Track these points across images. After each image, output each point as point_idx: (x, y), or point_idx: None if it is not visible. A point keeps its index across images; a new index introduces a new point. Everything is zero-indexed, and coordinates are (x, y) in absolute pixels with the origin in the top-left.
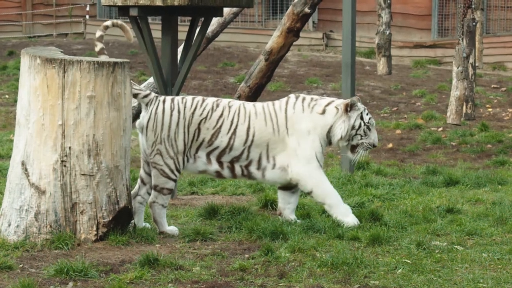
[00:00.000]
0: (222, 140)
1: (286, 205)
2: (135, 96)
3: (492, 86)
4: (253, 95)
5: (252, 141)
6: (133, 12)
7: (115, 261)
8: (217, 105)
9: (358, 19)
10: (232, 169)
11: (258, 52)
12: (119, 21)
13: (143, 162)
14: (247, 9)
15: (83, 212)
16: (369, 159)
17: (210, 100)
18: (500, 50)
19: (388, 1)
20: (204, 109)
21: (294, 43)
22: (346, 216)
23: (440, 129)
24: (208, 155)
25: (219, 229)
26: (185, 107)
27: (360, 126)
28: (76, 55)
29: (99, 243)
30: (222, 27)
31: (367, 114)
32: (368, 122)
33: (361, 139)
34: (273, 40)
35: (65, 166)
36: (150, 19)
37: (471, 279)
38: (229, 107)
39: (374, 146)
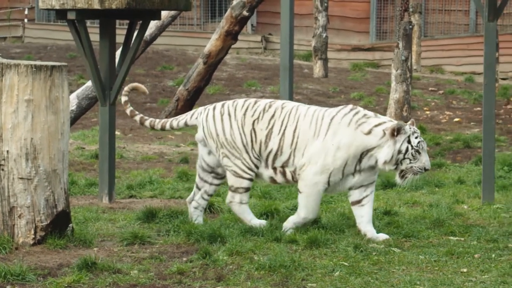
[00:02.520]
0: (274, 142)
1: (360, 218)
2: (186, 124)
3: (430, 89)
4: (192, 98)
5: (296, 143)
6: (71, 16)
7: (53, 265)
8: (270, 106)
9: (296, 22)
10: (284, 174)
11: (197, 55)
12: (134, 84)
13: (198, 169)
14: (186, 12)
15: (21, 216)
16: None
17: (263, 102)
18: (438, 53)
19: (325, 4)
20: (255, 110)
21: (233, 46)
22: (294, 226)
23: None
24: (266, 159)
25: (157, 232)
26: (235, 110)
27: (407, 150)
28: (15, 58)
29: (37, 247)
30: (161, 30)
31: (416, 138)
32: (417, 146)
33: (410, 163)
34: (212, 43)
35: (2, 170)
36: (88, 23)
37: (408, 281)
38: (282, 108)
39: (425, 169)
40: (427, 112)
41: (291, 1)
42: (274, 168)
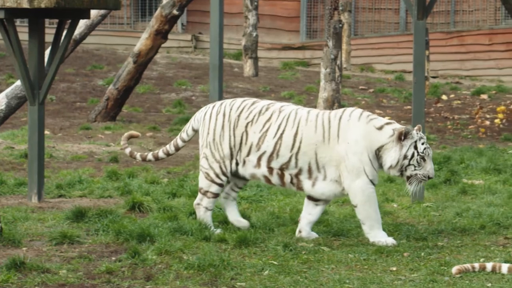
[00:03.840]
0: (268, 145)
1: (306, 215)
2: (193, 129)
3: (360, 87)
4: (122, 97)
5: (299, 148)
6: (0, 15)
7: None
8: (267, 109)
9: (226, 21)
10: (281, 177)
11: (127, 54)
12: (128, 133)
13: None
14: (116, 11)
15: None
16: None
17: (260, 103)
18: (368, 52)
19: (255, 3)
20: (251, 112)
21: (163, 45)
22: (381, 239)
23: None
24: (259, 160)
25: (86, 232)
26: (231, 110)
27: (413, 156)
28: None
29: None
30: (90, 29)
31: (422, 144)
32: (423, 152)
33: (415, 170)
34: (142, 42)
35: None
36: (17, 22)
37: (337, 279)
38: (280, 111)
39: (429, 178)
40: None
41: (220, 0)
42: (270, 168)
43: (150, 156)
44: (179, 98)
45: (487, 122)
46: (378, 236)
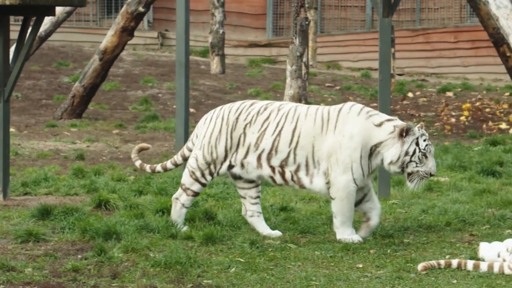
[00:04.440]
0: (267, 142)
1: (371, 212)
2: (197, 136)
3: (327, 84)
4: (88, 94)
5: (297, 142)
6: None
7: None
8: (265, 108)
9: (193, 18)
10: (283, 174)
11: (93, 51)
12: (139, 145)
13: (233, 180)
14: (82, 8)
15: None
16: None
17: (259, 104)
18: (334, 49)
19: (222, 0)
20: (249, 113)
21: (129, 42)
22: (348, 236)
23: None
24: (258, 159)
25: (52, 229)
26: (229, 113)
27: (414, 152)
28: None
29: None
30: (56, 26)
31: (424, 141)
32: (424, 149)
33: (416, 166)
34: (107, 39)
35: None
36: None
37: (304, 277)
38: (279, 109)
39: (431, 175)
40: None
41: None
42: (272, 167)
43: (159, 167)
44: (145, 96)
45: (453, 120)
46: (345, 233)
